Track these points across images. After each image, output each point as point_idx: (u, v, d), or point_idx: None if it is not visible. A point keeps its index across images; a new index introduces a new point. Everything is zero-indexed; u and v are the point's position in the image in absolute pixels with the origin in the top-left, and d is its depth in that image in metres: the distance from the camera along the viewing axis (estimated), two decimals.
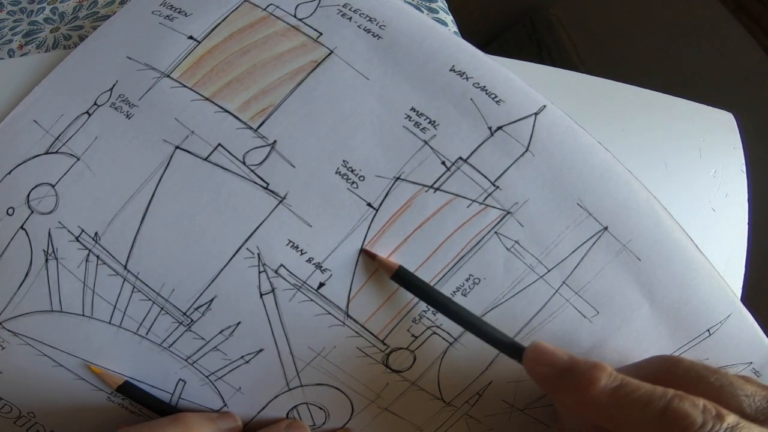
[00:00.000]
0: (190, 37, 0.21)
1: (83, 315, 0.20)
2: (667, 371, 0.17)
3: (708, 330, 0.21)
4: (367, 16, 0.21)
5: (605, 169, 0.21)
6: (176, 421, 0.19)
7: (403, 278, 0.20)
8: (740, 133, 0.25)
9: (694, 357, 0.21)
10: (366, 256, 0.20)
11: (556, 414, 0.21)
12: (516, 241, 0.20)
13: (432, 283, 0.20)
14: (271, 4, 0.22)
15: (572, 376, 0.17)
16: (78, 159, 0.20)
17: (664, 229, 0.20)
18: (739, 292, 0.23)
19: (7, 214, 0.20)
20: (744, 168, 0.25)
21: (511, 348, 0.19)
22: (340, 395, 0.21)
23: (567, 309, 0.20)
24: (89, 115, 0.21)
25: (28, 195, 0.20)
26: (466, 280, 0.20)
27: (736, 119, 0.26)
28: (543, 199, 0.20)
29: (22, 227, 0.20)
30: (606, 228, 0.20)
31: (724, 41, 0.56)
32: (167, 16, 0.22)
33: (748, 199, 0.24)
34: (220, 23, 0.22)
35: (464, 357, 0.21)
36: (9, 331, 0.20)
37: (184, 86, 0.21)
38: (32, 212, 0.20)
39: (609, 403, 0.16)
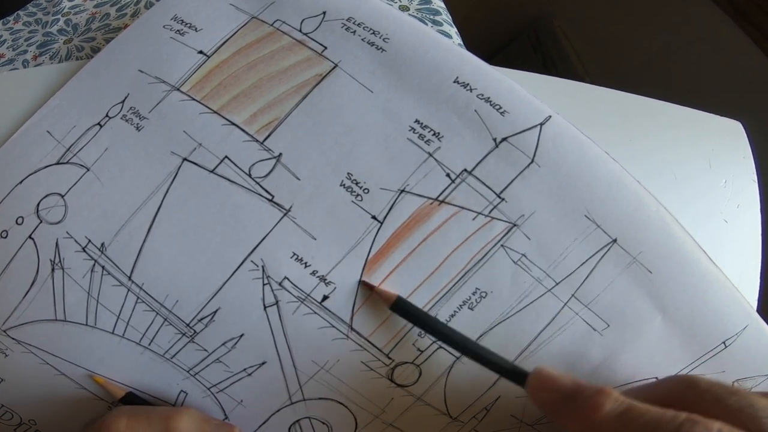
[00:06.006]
0: (200, 52, 0.22)
1: (87, 325, 0.20)
2: (683, 392, 0.16)
3: (724, 342, 0.20)
4: (370, 29, 0.22)
5: (613, 179, 0.20)
6: (169, 416, 0.18)
7: (402, 308, 0.19)
8: (749, 141, 0.25)
9: (710, 370, 0.20)
10: (365, 287, 0.20)
11: None
12: (523, 254, 0.20)
13: (438, 297, 0.20)
14: (277, 20, 0.22)
15: (576, 402, 0.16)
16: (88, 170, 0.21)
17: (676, 241, 0.20)
18: (755, 304, 0.22)
19: (17, 223, 0.20)
20: (755, 177, 0.24)
21: (512, 373, 0.18)
22: (344, 410, 0.21)
23: (576, 322, 0.20)
24: (101, 126, 0.21)
25: (38, 204, 0.20)
26: (473, 293, 0.20)
27: (744, 127, 0.25)
28: (550, 211, 0.20)
29: (30, 236, 0.20)
30: (615, 240, 0.20)
31: (728, 50, 0.56)
32: (178, 30, 0.22)
33: (761, 209, 0.24)
34: (229, 38, 0.22)
35: (471, 372, 0.20)
36: (12, 338, 0.20)
37: (194, 99, 0.21)
38: (41, 222, 0.20)
39: (614, 429, 0.15)
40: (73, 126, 0.21)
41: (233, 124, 0.21)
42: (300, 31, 0.22)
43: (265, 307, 0.20)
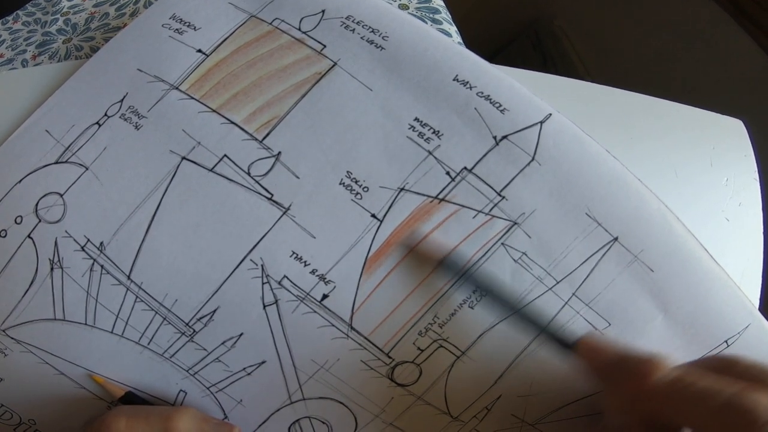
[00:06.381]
0: (199, 51, 0.22)
1: (86, 324, 0.20)
2: (723, 371, 0.16)
3: (726, 341, 0.20)
4: (369, 27, 0.22)
5: (614, 177, 0.20)
6: (168, 415, 0.18)
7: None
8: (750, 139, 0.25)
9: None
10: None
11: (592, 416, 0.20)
12: (523, 253, 0.20)
13: (438, 296, 0.20)
14: (276, 18, 0.22)
15: (630, 365, 0.16)
16: (87, 169, 0.21)
17: (677, 239, 0.20)
18: (757, 302, 0.22)
19: (15, 222, 0.20)
20: (756, 175, 0.24)
21: (559, 338, 0.19)
22: (344, 409, 0.21)
23: (577, 321, 0.20)
24: (99, 125, 0.21)
25: (37, 204, 0.20)
26: (473, 292, 0.20)
27: (745, 126, 0.25)
28: (550, 209, 0.20)
29: (29, 236, 0.20)
30: (616, 238, 0.20)
31: (729, 48, 0.56)
32: (177, 29, 0.22)
33: (763, 208, 0.24)
34: (227, 37, 0.22)
35: (472, 370, 0.20)
36: (12, 338, 0.20)
37: (192, 98, 0.21)
38: (40, 221, 0.20)
39: (668, 394, 0.15)
40: (72, 125, 0.21)
41: (232, 122, 0.21)
42: (299, 29, 0.22)
43: (264, 306, 0.20)
